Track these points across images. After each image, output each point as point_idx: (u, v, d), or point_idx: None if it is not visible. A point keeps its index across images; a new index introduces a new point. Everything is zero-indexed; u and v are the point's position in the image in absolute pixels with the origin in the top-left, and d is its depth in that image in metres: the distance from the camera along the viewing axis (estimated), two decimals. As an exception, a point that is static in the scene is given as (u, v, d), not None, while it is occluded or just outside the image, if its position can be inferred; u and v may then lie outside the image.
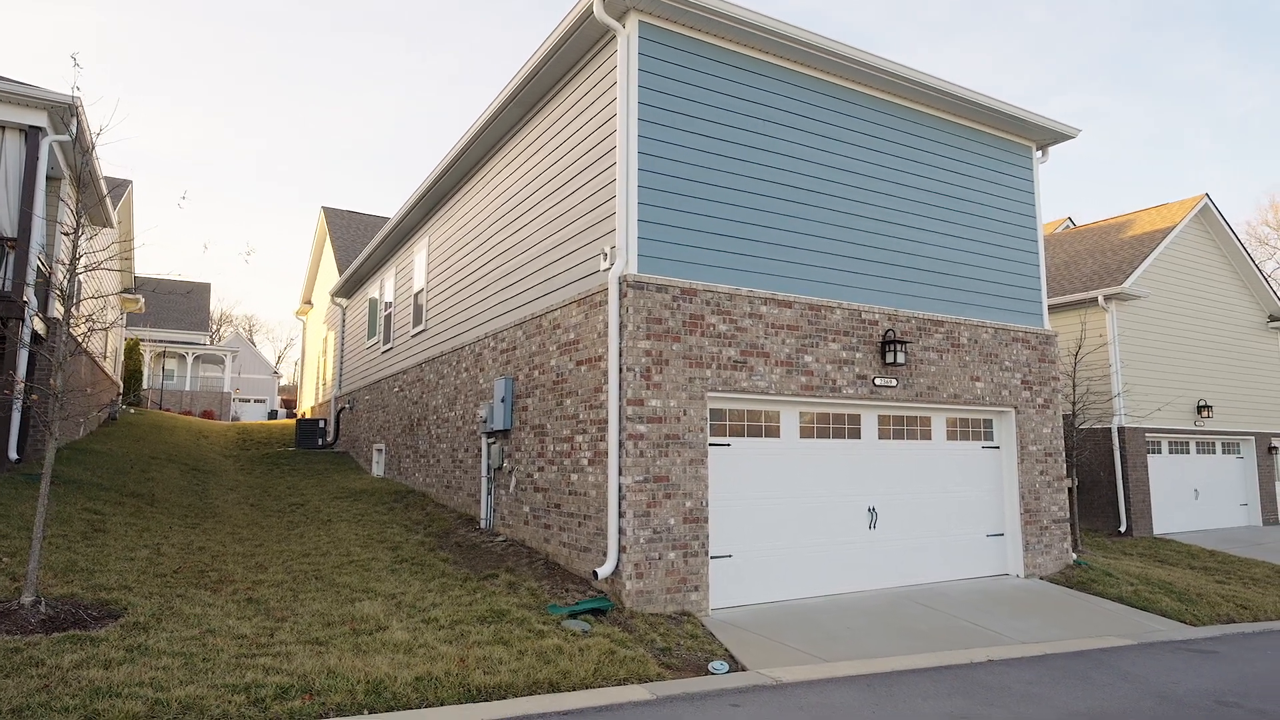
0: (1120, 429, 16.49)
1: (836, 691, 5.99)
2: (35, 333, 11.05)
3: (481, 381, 11.53)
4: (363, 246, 21.52)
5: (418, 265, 15.44)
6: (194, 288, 44.59)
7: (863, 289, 9.71)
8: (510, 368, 10.54)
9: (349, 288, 21.22)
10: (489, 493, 10.77)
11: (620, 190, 8.18)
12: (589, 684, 5.73)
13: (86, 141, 11.02)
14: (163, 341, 40.89)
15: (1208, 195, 18.63)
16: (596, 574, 7.77)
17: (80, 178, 7.91)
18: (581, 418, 8.55)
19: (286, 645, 5.97)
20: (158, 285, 25.36)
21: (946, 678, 6.44)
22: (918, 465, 10.07)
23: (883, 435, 9.85)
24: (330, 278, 24.53)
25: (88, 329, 8.32)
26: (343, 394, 22.05)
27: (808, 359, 9.08)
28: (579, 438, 8.57)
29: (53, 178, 12.29)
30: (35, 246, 10.93)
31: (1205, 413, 17.92)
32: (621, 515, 7.68)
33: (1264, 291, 19.84)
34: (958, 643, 7.57)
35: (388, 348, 17.32)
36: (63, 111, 11.05)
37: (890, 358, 9.56)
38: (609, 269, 8.18)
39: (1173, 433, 17.75)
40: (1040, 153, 11.86)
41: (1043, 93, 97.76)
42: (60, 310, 6.89)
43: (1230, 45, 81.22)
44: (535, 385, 9.76)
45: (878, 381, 9.56)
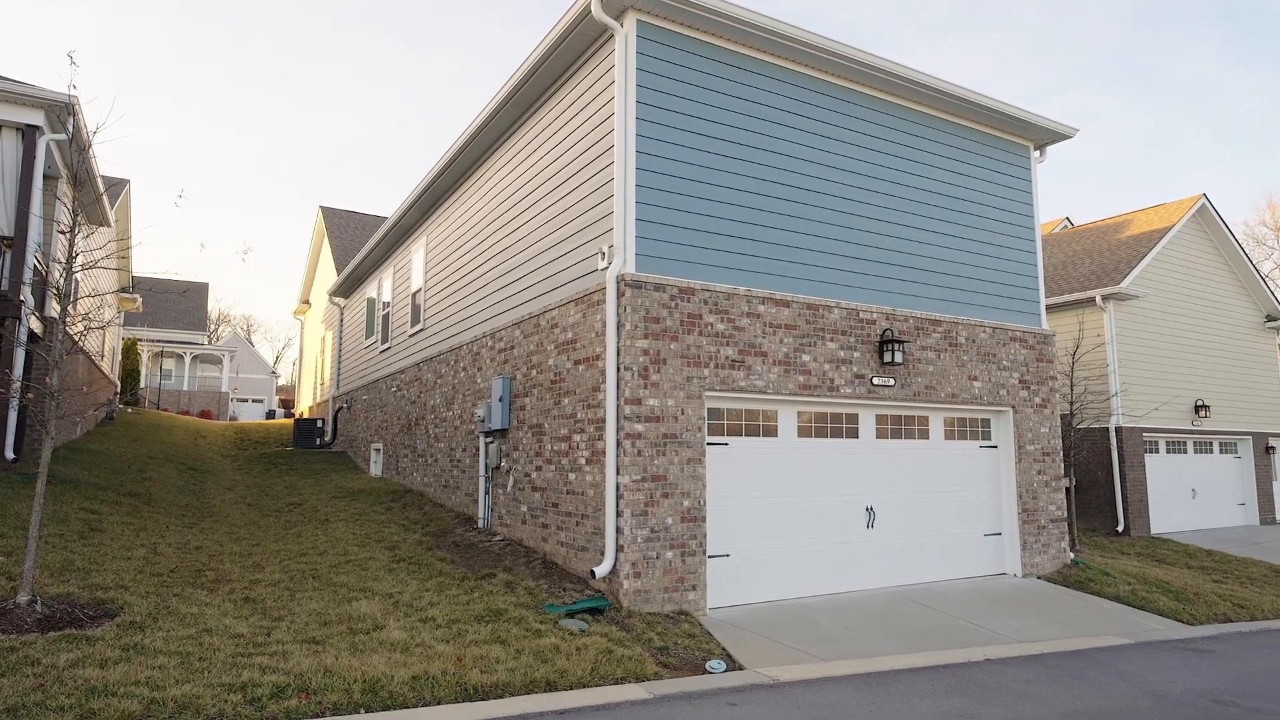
0: (1118, 428, 16.50)
1: (834, 690, 5.99)
2: (32, 332, 11.03)
3: (479, 381, 11.52)
4: (361, 246, 21.51)
5: (416, 265, 15.42)
6: (191, 287, 44.52)
7: (861, 288, 9.71)
8: (508, 367, 10.53)
9: (347, 287, 21.20)
10: (487, 492, 10.76)
11: (618, 189, 8.18)
12: (586, 683, 5.73)
13: (83, 140, 11.00)
14: (160, 341, 40.83)
15: (1205, 196, 18.66)
16: (594, 573, 7.76)
17: (77, 176, 7.90)
18: (579, 417, 8.54)
19: (283, 644, 5.96)
20: (155, 285, 25.32)
21: (944, 677, 6.44)
22: (915, 465, 10.07)
23: (880, 435, 9.85)
24: (328, 277, 24.51)
25: (84, 327, 8.28)
26: (341, 394, 22.03)
27: (805, 358, 9.08)
28: (577, 437, 8.56)
29: (50, 177, 12.27)
30: (32, 245, 10.90)
31: (1203, 412, 17.95)
32: (619, 514, 7.68)
33: (1261, 291, 19.87)
34: (955, 642, 7.57)
35: (386, 347, 17.30)
36: (59, 110, 11.03)
37: (888, 357, 9.56)
38: (607, 268, 8.18)
39: (1170, 432, 17.77)
40: (1038, 152, 11.87)
41: (1043, 93, 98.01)
42: (57, 309, 6.87)
43: (1229, 45, 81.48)
44: (533, 384, 9.75)
45: (875, 381, 9.56)
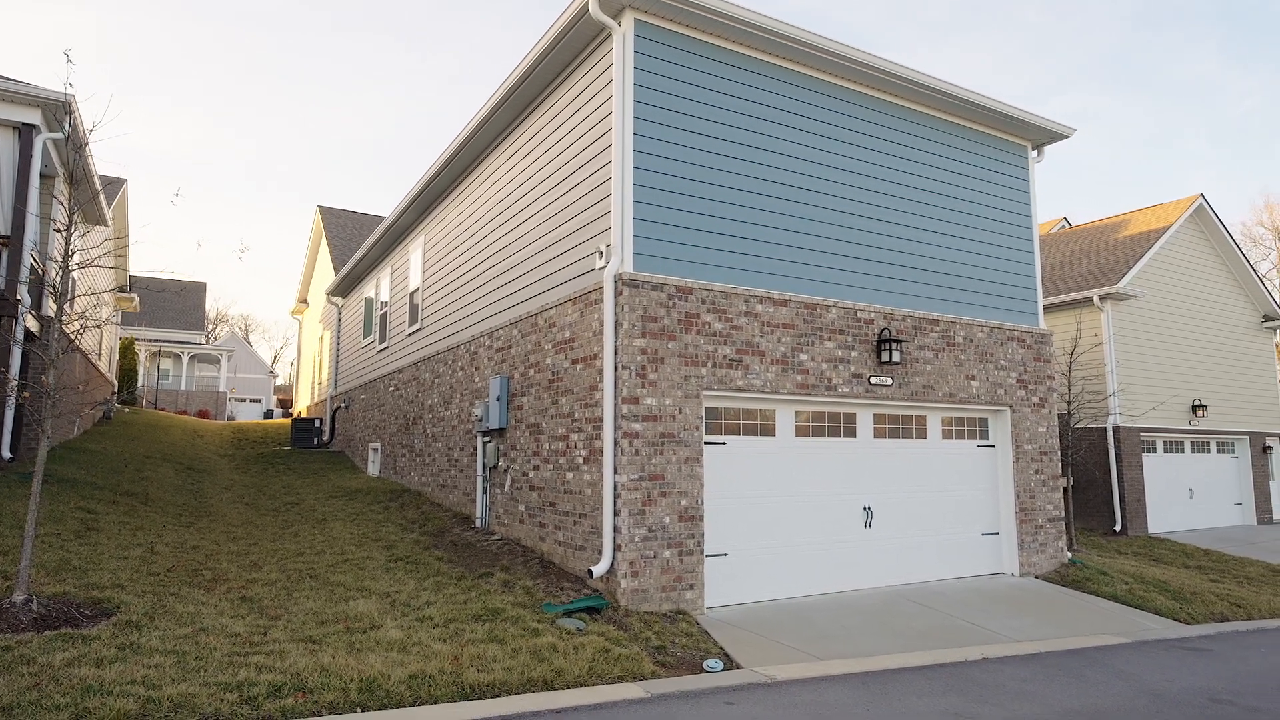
0: (1115, 428, 16.52)
1: (831, 689, 5.99)
2: (29, 331, 11.01)
3: (477, 380, 11.51)
4: (359, 246, 21.48)
5: (413, 264, 15.41)
6: (189, 286, 44.47)
7: (858, 288, 9.71)
8: (506, 366, 10.52)
9: (345, 287, 21.18)
10: (484, 491, 10.75)
11: (616, 188, 8.17)
12: (583, 682, 5.72)
13: (80, 138, 10.98)
14: (158, 341, 40.79)
15: (1202, 195, 18.69)
16: (591, 572, 7.76)
17: (73, 175, 7.89)
18: (577, 416, 8.54)
19: (280, 644, 5.95)
20: (151, 284, 25.28)
21: (941, 676, 6.44)
22: (913, 464, 10.08)
23: (878, 434, 9.85)
24: (326, 277, 24.48)
25: (80, 326, 8.27)
26: (338, 393, 22.01)
27: (803, 358, 9.07)
28: (574, 436, 8.56)
29: (47, 176, 12.25)
30: (29, 244, 10.89)
31: (1200, 412, 17.97)
32: (616, 514, 7.67)
33: (1258, 291, 19.90)
34: (952, 641, 7.57)
35: (383, 347, 17.29)
36: (56, 109, 11.01)
37: (886, 356, 9.56)
38: (604, 267, 8.17)
39: (1168, 432, 17.79)
40: (1036, 152, 11.88)
41: (1042, 93, 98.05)
42: (53, 308, 6.86)
43: (1228, 46, 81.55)
44: (531, 384, 9.74)
45: (873, 380, 9.56)
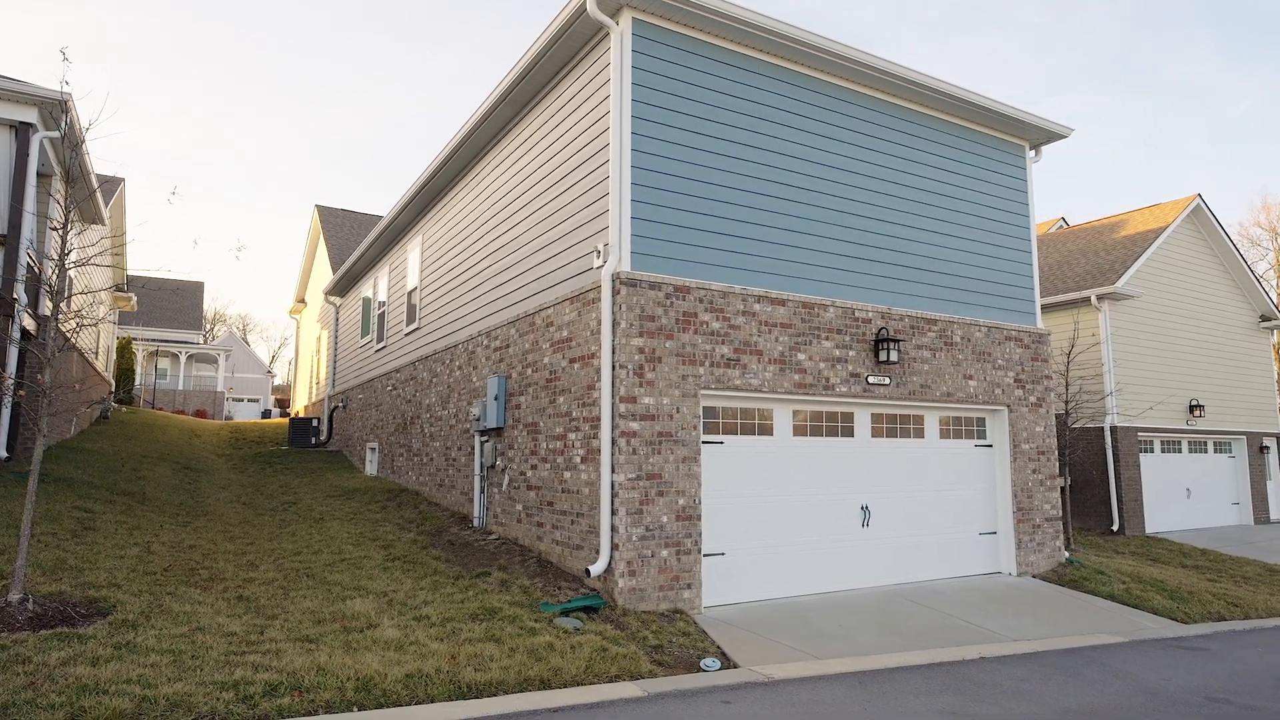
0: (1113, 428, 16.53)
1: (828, 688, 5.98)
2: (25, 330, 10.99)
3: (475, 379, 11.50)
4: (357, 245, 21.45)
5: (411, 263, 15.40)
6: (187, 286, 44.39)
7: (856, 287, 9.71)
8: (503, 365, 10.52)
9: (343, 286, 21.16)
10: (482, 491, 10.74)
11: (613, 187, 8.16)
12: (580, 681, 5.72)
13: (77, 136, 10.97)
14: (155, 340, 40.72)
15: (1200, 196, 18.71)
16: (589, 572, 7.75)
17: (70, 173, 7.87)
18: (574, 415, 8.53)
19: (276, 643, 5.94)
20: (148, 283, 25.20)
21: (938, 675, 6.44)
22: (911, 463, 10.08)
23: (876, 433, 9.85)
24: (324, 276, 24.46)
25: (76, 324, 8.26)
26: (336, 393, 21.98)
27: (801, 357, 9.07)
28: (572, 435, 8.55)
29: (43, 174, 12.22)
30: (25, 243, 10.87)
31: (1197, 412, 17.99)
32: (614, 513, 7.67)
33: (1255, 292, 19.92)
34: (950, 640, 7.58)
35: (381, 346, 17.27)
36: (53, 108, 10.98)
37: (883, 356, 9.56)
38: (602, 266, 8.17)
39: (1165, 432, 17.81)
40: (1033, 152, 11.88)
41: (1042, 93, 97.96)
42: (50, 306, 6.85)
43: (1227, 46, 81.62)
44: (528, 383, 9.74)
45: (871, 380, 9.56)
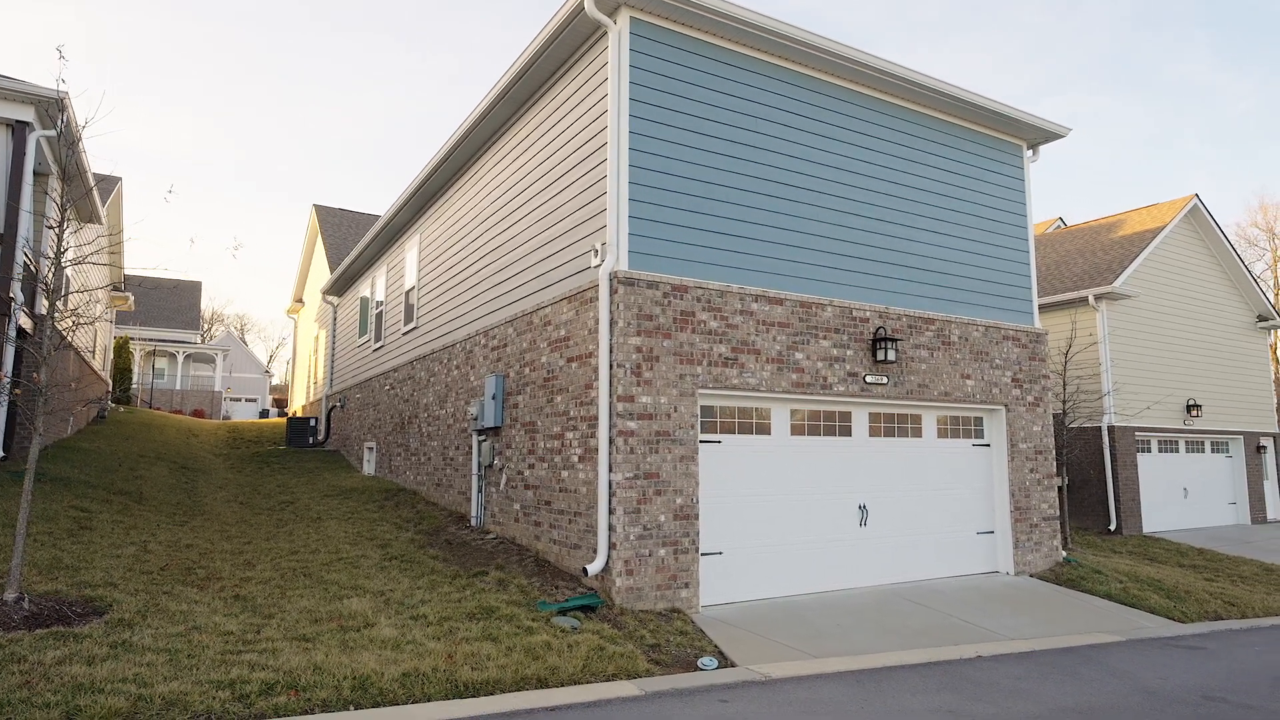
0: (1110, 428, 16.55)
1: (825, 687, 5.98)
2: (22, 328, 10.96)
3: (472, 379, 11.49)
4: (355, 244, 21.43)
5: (409, 263, 15.38)
6: (183, 285, 44.32)
7: (854, 286, 9.71)
8: (501, 365, 10.51)
9: (340, 286, 21.14)
10: (479, 490, 10.74)
11: (611, 186, 8.16)
12: (577, 680, 5.71)
13: (74, 134, 10.94)
14: (153, 340, 40.65)
15: (1197, 196, 18.73)
16: (586, 571, 7.75)
17: (66, 171, 7.85)
18: (572, 414, 8.53)
19: (273, 642, 5.93)
20: (144, 282, 25.18)
21: (935, 674, 6.45)
22: (908, 463, 10.08)
23: (873, 433, 9.85)
24: (322, 276, 24.43)
25: (73, 323, 8.24)
26: (334, 392, 21.96)
27: (799, 356, 9.07)
28: (569, 435, 8.55)
29: (40, 173, 12.19)
30: (21, 242, 10.84)
31: (1194, 412, 18.01)
32: (612, 512, 7.67)
33: (1253, 292, 19.95)
34: (947, 639, 7.58)
35: (379, 346, 17.25)
36: (49, 106, 10.96)
37: (881, 355, 9.56)
38: (600, 265, 8.16)
39: (1162, 431, 17.83)
40: (1031, 151, 11.89)
41: (1042, 93, 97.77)
42: (45, 305, 6.83)
43: (1225, 48, 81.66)
44: (526, 382, 9.73)
45: (868, 379, 9.56)
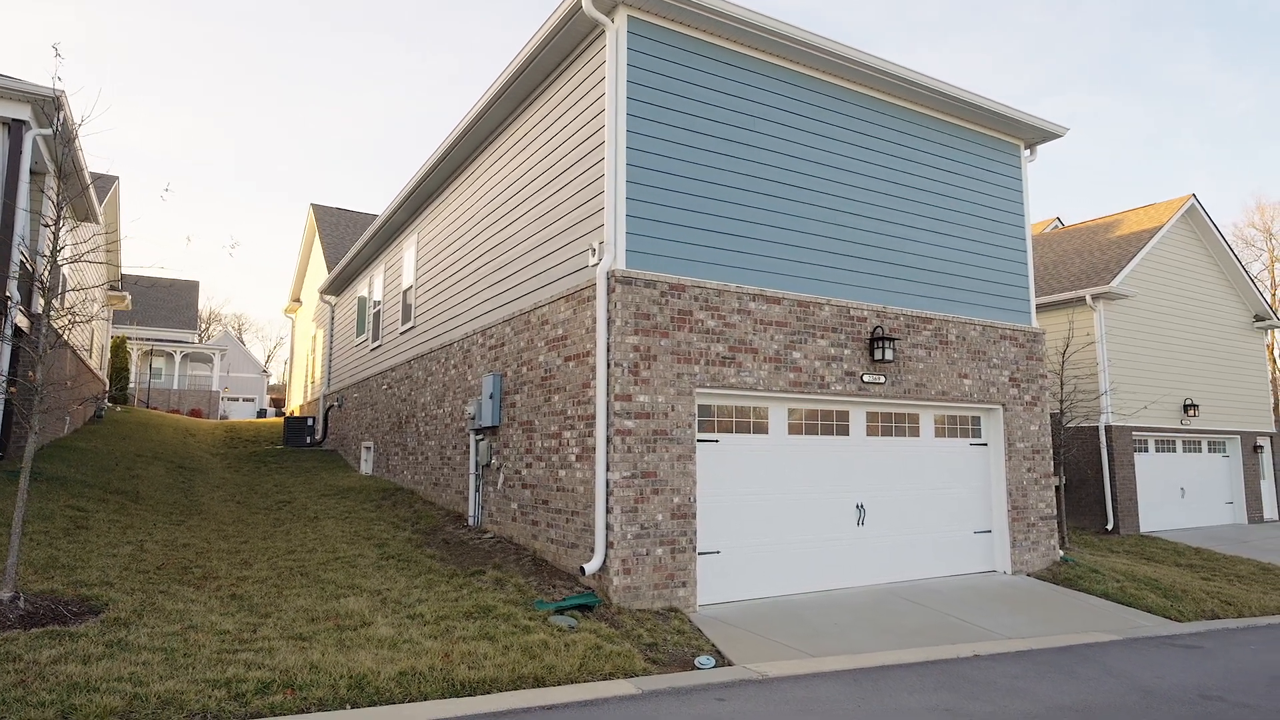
0: (1107, 427, 16.57)
1: (822, 686, 5.98)
2: (18, 328, 10.93)
3: (470, 378, 11.48)
4: (352, 244, 21.40)
5: (406, 262, 15.37)
6: (181, 285, 44.25)
7: (851, 285, 9.71)
8: (499, 364, 10.50)
9: (338, 285, 21.11)
10: (477, 489, 10.73)
11: (609, 185, 8.15)
12: (574, 679, 5.71)
13: (70, 132, 10.92)
14: (150, 340, 40.57)
15: (1194, 196, 18.76)
16: (584, 570, 7.74)
17: (62, 169, 7.83)
18: (569, 414, 8.52)
19: (269, 641, 5.92)
20: (141, 281, 25.16)
21: (932, 672, 6.45)
22: (905, 462, 10.08)
23: (871, 432, 9.85)
24: (319, 275, 24.40)
25: (69, 321, 8.22)
26: (331, 392, 21.94)
27: (796, 355, 9.07)
28: (567, 434, 8.54)
29: (36, 172, 12.16)
30: (18, 240, 10.82)
31: (1191, 411, 18.04)
32: (609, 511, 7.66)
33: (1250, 292, 19.98)
34: (944, 638, 7.58)
35: (376, 345, 17.23)
36: (46, 104, 10.93)
37: (879, 354, 9.57)
38: (597, 264, 8.15)
39: (1159, 431, 17.85)
40: (1028, 151, 11.89)
41: (1042, 93, 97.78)
42: (41, 303, 6.82)
43: (1225, 47, 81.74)
44: (523, 381, 9.72)
45: (866, 378, 9.56)
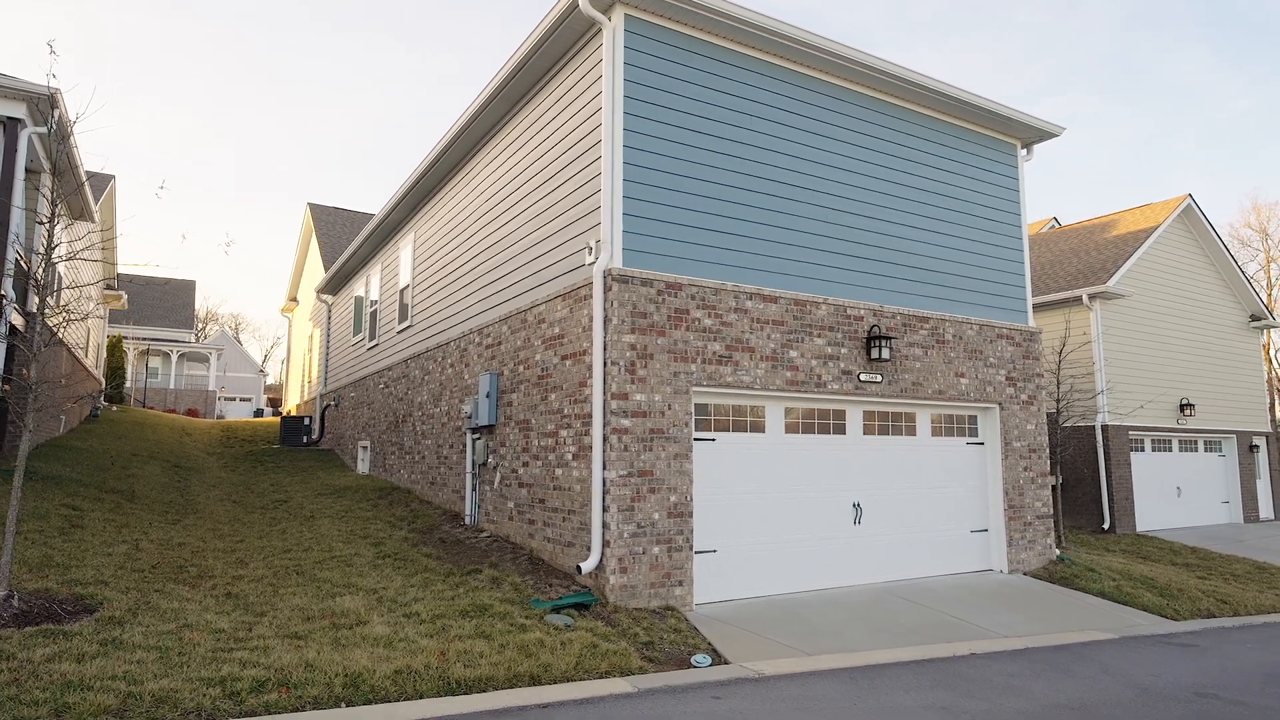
0: (1104, 426, 16.59)
1: (819, 684, 5.98)
2: (13, 326, 10.90)
3: (466, 377, 11.47)
4: (349, 243, 21.38)
5: (403, 261, 15.35)
6: (176, 284, 44.14)
7: (848, 284, 9.71)
8: (495, 363, 10.49)
9: (335, 284, 21.08)
10: (473, 489, 10.71)
11: (605, 184, 8.14)
12: (570, 677, 5.70)
13: (65, 130, 10.89)
14: (146, 339, 40.45)
15: (1190, 196, 18.78)
16: (580, 569, 7.73)
17: (57, 166, 7.80)
18: (566, 412, 8.51)
19: (265, 639, 5.90)
20: (135, 280, 25.11)
21: (929, 671, 6.45)
22: (902, 461, 10.08)
23: (868, 431, 9.85)
24: (316, 275, 24.36)
25: (64, 319, 8.21)
26: (328, 391, 21.90)
27: (793, 354, 9.07)
28: (563, 432, 8.53)
29: (32, 170, 12.14)
30: (12, 239, 10.79)
31: (1188, 411, 18.07)
32: (605, 510, 7.65)
33: (1246, 292, 20.02)
34: (940, 637, 7.58)
35: (373, 344, 17.21)
36: (41, 102, 10.91)
37: (875, 353, 9.56)
38: (594, 263, 8.15)
39: (1156, 431, 17.88)
40: (1025, 150, 11.90)
41: (1042, 93, 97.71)
42: (36, 301, 6.80)
43: (1225, 48, 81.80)
44: (520, 380, 9.71)
45: (863, 377, 9.56)
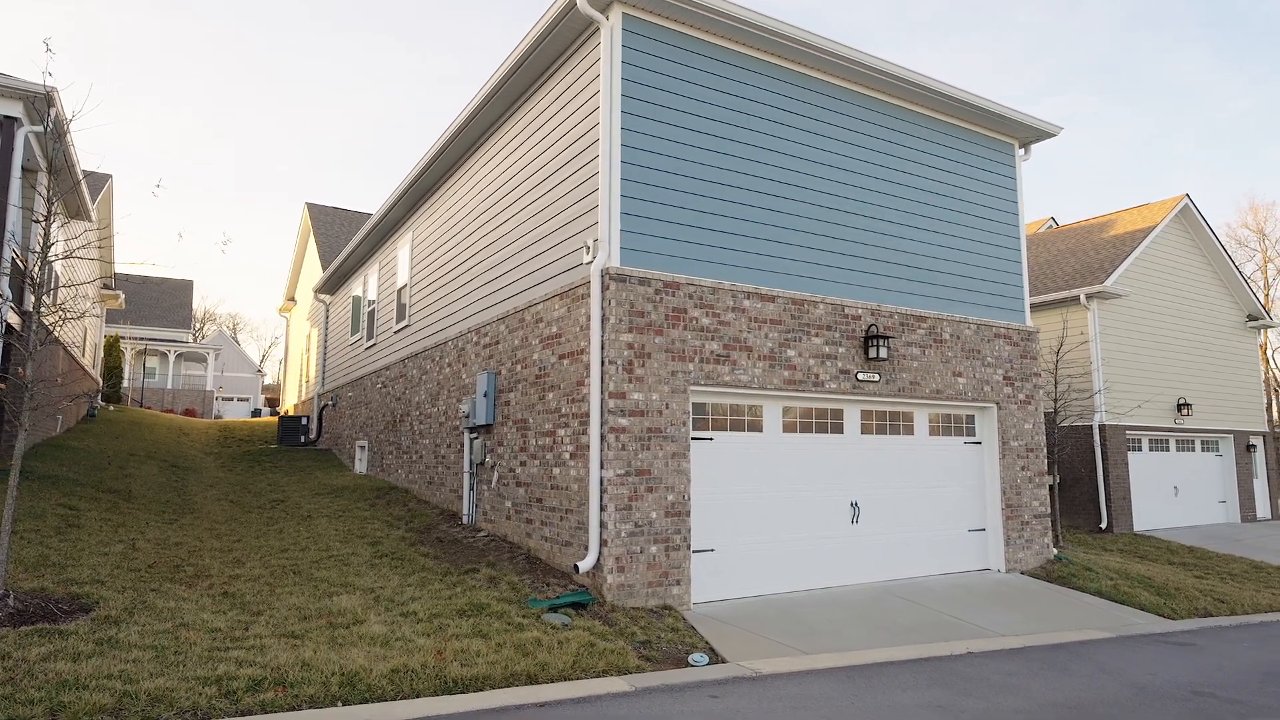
0: (1101, 426, 16.61)
1: (816, 683, 5.98)
2: (9, 325, 10.88)
3: (464, 376, 11.46)
4: (347, 243, 21.35)
5: (401, 261, 15.33)
6: (174, 284, 44.08)
7: (846, 284, 9.71)
8: (493, 362, 10.48)
9: (333, 284, 21.06)
10: (471, 488, 10.70)
11: (603, 183, 8.14)
12: (567, 676, 5.69)
13: (61, 128, 10.87)
14: (144, 339, 40.40)
15: (1188, 196, 18.81)
16: (578, 568, 7.73)
17: (54, 164, 7.79)
18: (564, 411, 8.50)
19: (261, 638, 5.89)
20: (133, 280, 25.08)
21: (926, 669, 6.45)
22: (900, 460, 10.09)
23: (865, 430, 9.85)
24: (314, 274, 24.35)
25: (60, 318, 8.20)
26: (326, 391, 21.88)
27: (790, 353, 9.07)
28: (561, 432, 8.52)
29: (29, 169, 12.11)
30: (9, 237, 10.76)
31: (1185, 411, 18.09)
32: (603, 509, 7.65)
33: (1243, 292, 20.05)
34: (938, 636, 7.58)
35: (371, 344, 17.19)
36: (38, 101, 10.88)
37: (873, 353, 9.57)
38: (591, 262, 8.14)
39: (1153, 430, 17.90)
40: (1023, 150, 11.91)
41: (1042, 93, 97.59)
42: (32, 299, 6.78)
43: (1225, 48, 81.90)
44: (518, 379, 9.70)
45: (860, 376, 9.56)
